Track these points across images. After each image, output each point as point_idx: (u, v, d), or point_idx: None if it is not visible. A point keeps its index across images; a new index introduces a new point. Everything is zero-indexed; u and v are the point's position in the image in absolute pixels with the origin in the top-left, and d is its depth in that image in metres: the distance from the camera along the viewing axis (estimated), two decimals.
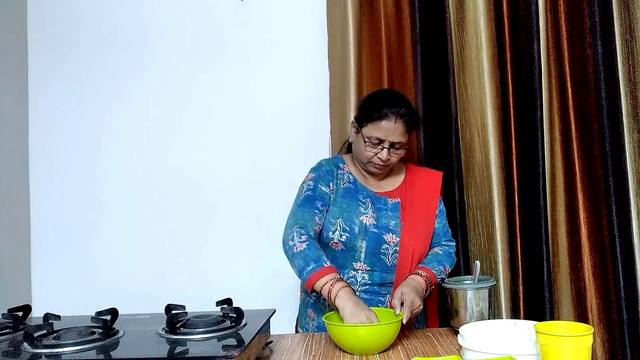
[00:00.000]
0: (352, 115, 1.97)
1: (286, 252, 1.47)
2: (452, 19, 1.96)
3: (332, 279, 1.36)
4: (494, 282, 1.47)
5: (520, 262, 1.88)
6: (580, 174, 1.83)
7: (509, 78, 1.92)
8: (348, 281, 1.49)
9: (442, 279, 1.54)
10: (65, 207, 2.21)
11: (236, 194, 2.17)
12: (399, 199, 1.62)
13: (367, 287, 1.55)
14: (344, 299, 1.32)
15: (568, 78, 1.86)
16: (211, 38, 2.20)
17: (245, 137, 2.18)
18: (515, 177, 1.90)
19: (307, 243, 1.43)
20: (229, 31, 2.20)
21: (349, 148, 1.73)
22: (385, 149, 1.53)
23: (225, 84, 2.19)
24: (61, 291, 2.18)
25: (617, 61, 1.82)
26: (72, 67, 2.22)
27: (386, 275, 1.57)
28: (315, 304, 1.61)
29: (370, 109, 1.56)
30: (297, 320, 1.72)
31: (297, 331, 1.70)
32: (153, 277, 2.15)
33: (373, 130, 1.53)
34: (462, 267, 1.93)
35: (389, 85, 2.02)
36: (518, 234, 1.88)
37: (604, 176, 1.82)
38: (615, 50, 1.82)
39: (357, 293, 1.51)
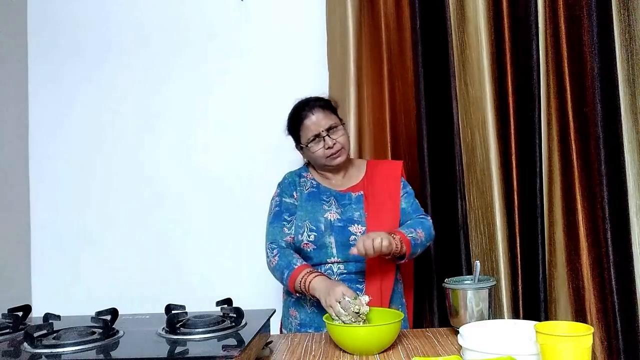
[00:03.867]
0: (351, 116, 2.00)
1: (270, 271, 1.62)
2: (452, 18, 1.96)
3: (305, 275, 1.49)
4: (494, 282, 1.47)
5: (519, 262, 1.88)
6: (578, 174, 1.83)
7: (509, 78, 1.92)
8: (325, 273, 1.57)
9: (414, 239, 1.56)
10: (65, 207, 2.21)
11: (236, 194, 2.17)
12: (362, 192, 1.69)
13: (344, 276, 1.60)
14: (317, 288, 1.44)
15: (567, 78, 1.86)
16: (210, 38, 2.20)
17: (243, 137, 2.18)
18: (514, 176, 1.90)
19: (278, 255, 1.58)
20: (228, 31, 2.19)
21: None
22: (325, 137, 1.64)
23: (224, 84, 2.19)
24: (61, 291, 2.18)
25: (616, 61, 1.81)
26: (72, 67, 2.22)
27: (360, 264, 1.61)
28: (297, 302, 1.65)
29: (292, 124, 1.72)
30: (280, 322, 1.76)
31: (281, 332, 1.73)
32: (153, 277, 2.15)
33: (306, 133, 1.67)
34: (462, 267, 1.93)
35: (389, 85, 2.02)
36: (517, 234, 1.89)
37: (602, 176, 1.82)
38: (615, 50, 1.81)
39: None
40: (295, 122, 1.70)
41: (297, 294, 1.58)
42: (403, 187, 1.73)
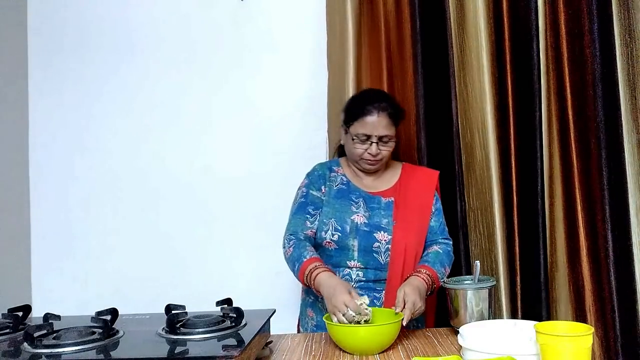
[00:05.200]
0: None
1: (285, 261, 1.58)
2: (452, 18, 1.96)
3: (312, 269, 1.46)
4: (494, 282, 1.47)
5: (519, 262, 1.88)
6: (578, 174, 1.83)
7: (508, 78, 1.92)
8: (343, 278, 1.54)
9: (442, 278, 1.55)
10: (65, 207, 2.21)
11: (236, 194, 2.17)
12: (392, 198, 1.64)
13: (362, 283, 1.57)
14: (322, 284, 1.42)
15: (567, 78, 1.86)
16: (210, 38, 2.20)
17: (244, 137, 2.18)
18: (513, 177, 1.90)
19: (293, 247, 1.54)
20: (228, 31, 2.19)
21: (342, 152, 1.75)
22: (374, 144, 1.58)
23: (223, 84, 2.19)
24: (61, 291, 2.18)
25: (616, 62, 1.81)
26: (72, 67, 2.22)
27: (380, 272, 1.58)
28: (314, 303, 1.63)
29: (354, 108, 1.62)
30: (298, 320, 1.74)
31: (298, 331, 1.72)
32: (153, 277, 2.15)
33: (359, 127, 1.58)
34: (462, 267, 1.93)
35: (388, 85, 2.01)
36: (516, 234, 1.88)
37: (602, 176, 1.82)
38: (615, 51, 1.81)
39: None
40: (356, 109, 1.60)
41: (308, 288, 1.55)
42: (435, 201, 1.68)
